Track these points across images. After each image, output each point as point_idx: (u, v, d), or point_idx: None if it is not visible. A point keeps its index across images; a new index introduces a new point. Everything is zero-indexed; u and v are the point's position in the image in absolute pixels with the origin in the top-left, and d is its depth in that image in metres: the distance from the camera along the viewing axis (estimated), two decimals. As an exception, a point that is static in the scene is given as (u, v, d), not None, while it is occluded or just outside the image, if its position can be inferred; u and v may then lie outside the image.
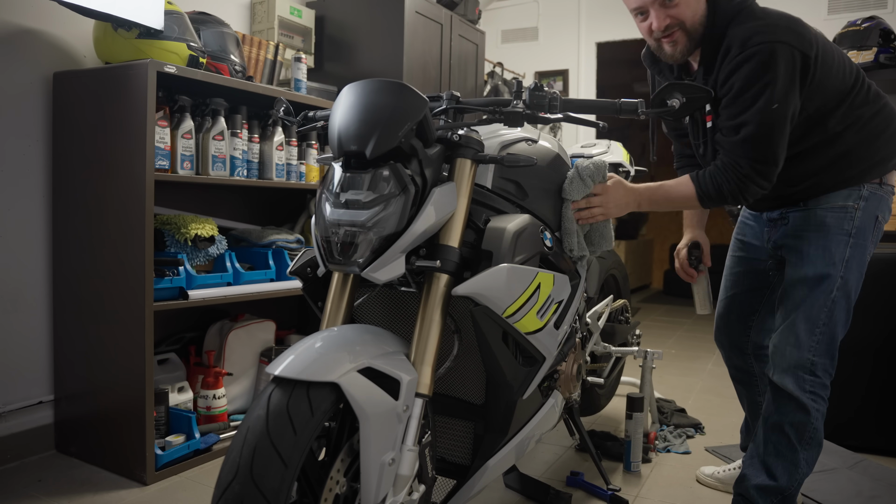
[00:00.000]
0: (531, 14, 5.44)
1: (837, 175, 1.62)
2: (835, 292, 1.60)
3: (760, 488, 1.64)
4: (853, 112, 1.60)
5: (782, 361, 1.63)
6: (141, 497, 1.95)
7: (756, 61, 1.47)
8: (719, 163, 1.58)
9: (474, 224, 1.39)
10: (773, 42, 1.46)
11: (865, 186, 1.62)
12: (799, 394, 1.60)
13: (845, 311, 1.62)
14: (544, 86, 1.34)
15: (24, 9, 2.15)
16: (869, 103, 1.62)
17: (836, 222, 1.62)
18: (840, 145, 1.60)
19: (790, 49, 1.47)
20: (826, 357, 1.62)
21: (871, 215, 1.63)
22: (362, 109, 1.21)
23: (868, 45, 3.68)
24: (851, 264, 1.61)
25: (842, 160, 1.61)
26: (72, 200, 2.17)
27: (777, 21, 1.50)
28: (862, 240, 1.62)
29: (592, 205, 1.64)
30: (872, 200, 1.63)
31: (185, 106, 2.19)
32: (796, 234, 1.66)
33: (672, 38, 1.59)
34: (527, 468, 2.18)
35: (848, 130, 1.60)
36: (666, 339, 4.53)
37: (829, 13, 4.56)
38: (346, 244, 1.18)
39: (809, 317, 1.61)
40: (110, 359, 2.08)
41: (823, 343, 1.61)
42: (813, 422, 1.61)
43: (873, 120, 1.62)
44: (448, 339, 1.43)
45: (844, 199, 1.62)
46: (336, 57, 3.24)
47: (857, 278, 1.63)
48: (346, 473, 1.16)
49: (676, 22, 1.57)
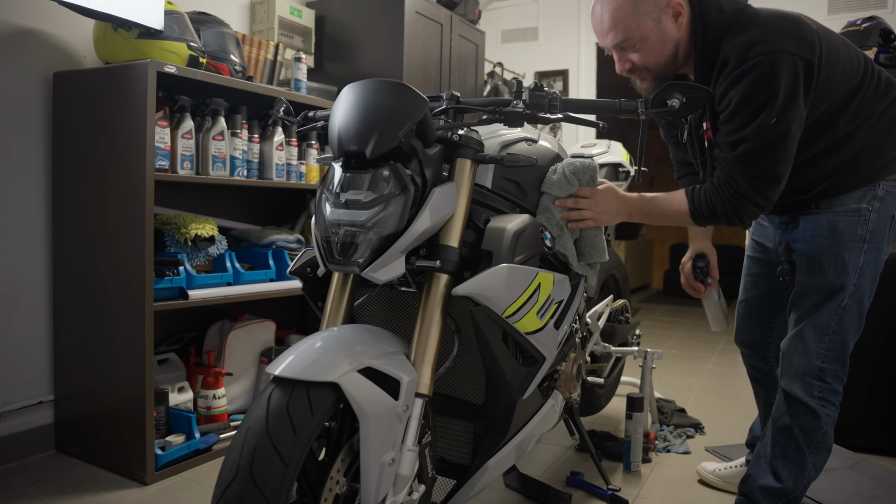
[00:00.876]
0: (531, 14, 5.44)
1: (851, 176, 1.53)
2: (847, 300, 1.55)
3: (765, 490, 1.62)
4: (865, 109, 1.50)
5: (790, 368, 1.60)
6: (141, 497, 1.95)
7: (755, 75, 1.38)
8: (715, 179, 1.50)
9: (474, 224, 1.39)
10: (772, 52, 1.37)
11: (881, 185, 1.53)
12: (808, 399, 1.57)
13: (857, 318, 1.57)
14: (544, 86, 1.34)
15: (24, 9, 2.15)
16: (881, 97, 1.52)
17: (850, 227, 1.53)
18: (852, 145, 1.51)
19: (791, 58, 1.37)
20: (836, 363, 1.57)
21: (888, 215, 1.55)
22: (362, 109, 1.21)
23: (868, 45, 3.68)
24: (865, 270, 1.54)
25: (855, 161, 1.52)
26: (72, 200, 2.17)
27: (775, 27, 1.41)
28: (877, 243, 1.55)
29: (581, 206, 1.57)
30: (889, 199, 1.54)
31: (185, 106, 2.19)
32: (807, 240, 1.58)
33: (638, 76, 1.56)
34: (527, 468, 2.18)
35: (860, 129, 1.50)
36: (666, 339, 4.53)
37: (829, 13, 4.56)
38: (346, 244, 1.18)
39: (819, 325, 1.56)
40: (110, 359, 2.08)
41: (834, 350, 1.56)
42: (823, 426, 1.57)
43: (887, 113, 1.52)
44: (448, 339, 1.43)
45: (858, 200, 1.53)
46: (336, 57, 3.24)
47: (871, 283, 1.57)
48: (346, 473, 1.16)
49: (639, 67, 1.53)
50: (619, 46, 1.51)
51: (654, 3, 1.46)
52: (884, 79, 1.54)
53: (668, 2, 1.47)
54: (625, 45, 1.50)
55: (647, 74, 1.54)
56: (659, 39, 1.49)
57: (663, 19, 1.48)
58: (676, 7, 1.47)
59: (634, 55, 1.51)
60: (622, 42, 1.49)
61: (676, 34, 1.50)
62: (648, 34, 1.48)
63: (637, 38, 1.48)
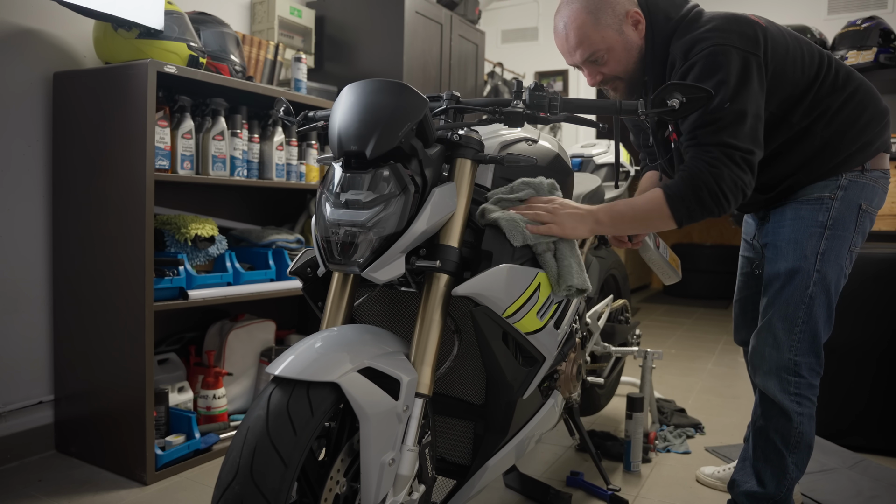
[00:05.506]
0: (531, 14, 5.44)
1: (816, 170, 1.56)
2: (811, 287, 1.53)
3: (749, 495, 1.63)
4: (820, 103, 1.53)
5: (763, 364, 1.58)
6: (141, 497, 1.95)
7: (700, 66, 1.43)
8: (686, 161, 1.46)
9: (474, 224, 1.39)
10: (714, 46, 1.42)
11: (844, 175, 1.55)
12: (782, 398, 1.55)
13: (826, 308, 1.55)
14: (544, 86, 1.34)
15: (24, 9, 2.15)
16: (837, 90, 1.54)
17: (811, 214, 1.56)
18: (811, 140, 1.54)
19: (733, 50, 1.42)
20: (810, 356, 1.55)
21: (853, 204, 1.55)
22: (362, 109, 1.21)
23: (868, 45, 3.68)
24: (828, 257, 1.54)
25: (818, 156, 1.55)
26: (72, 200, 2.17)
27: (717, 25, 1.46)
28: (841, 231, 1.55)
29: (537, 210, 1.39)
30: (853, 189, 1.55)
31: (185, 106, 2.20)
32: (774, 230, 1.61)
33: (611, 86, 1.60)
34: (527, 468, 2.18)
35: (816, 123, 1.53)
36: (666, 339, 4.53)
37: (829, 13, 4.56)
38: (346, 244, 1.18)
39: (786, 315, 1.55)
40: (110, 359, 2.08)
41: (805, 342, 1.55)
42: (797, 426, 1.56)
43: (845, 108, 1.54)
44: (448, 339, 1.43)
45: (821, 190, 1.56)
46: (336, 57, 3.24)
47: (837, 272, 1.56)
48: (346, 473, 1.16)
49: (610, 77, 1.58)
50: (589, 61, 1.56)
51: (614, 15, 1.53)
52: (842, 73, 1.56)
53: (627, 12, 1.54)
54: (594, 59, 1.56)
55: (619, 83, 1.60)
56: (624, 48, 1.55)
57: (624, 29, 1.54)
58: (634, 16, 1.55)
59: (604, 67, 1.57)
60: (590, 56, 1.55)
61: (639, 41, 1.56)
62: (614, 44, 1.54)
63: (604, 50, 1.54)
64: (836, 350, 2.34)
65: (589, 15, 1.52)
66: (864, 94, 1.58)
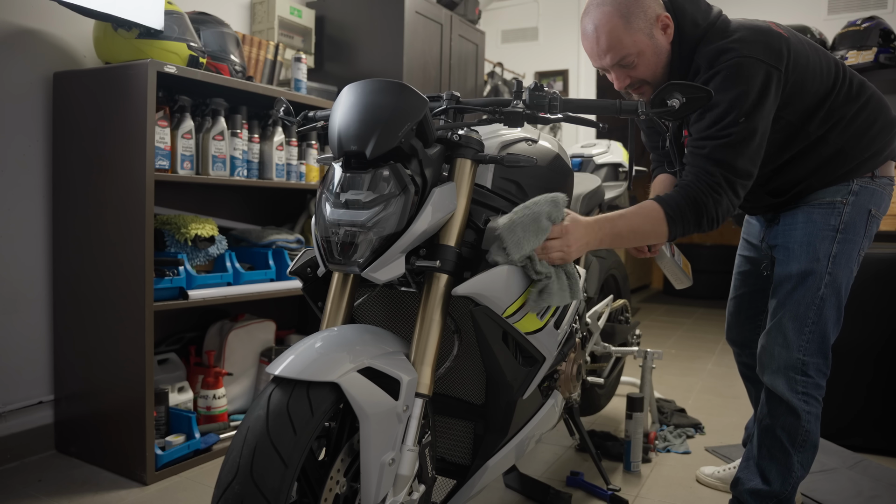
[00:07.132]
0: (531, 14, 5.44)
1: (828, 176, 1.59)
2: (823, 289, 1.57)
3: (754, 493, 1.63)
4: (836, 112, 1.56)
5: (771, 362, 1.60)
6: (141, 497, 1.95)
7: (723, 76, 1.44)
8: (688, 177, 1.48)
9: (474, 224, 1.38)
10: (740, 58, 1.44)
11: (855, 181, 1.59)
12: (790, 396, 1.58)
13: (836, 309, 1.59)
14: (544, 86, 1.34)
15: (24, 9, 2.15)
16: (852, 100, 1.58)
17: (823, 218, 1.58)
18: (826, 148, 1.57)
19: (758, 64, 1.44)
20: (818, 356, 1.58)
21: (863, 210, 1.60)
22: (362, 109, 1.21)
23: (868, 45, 3.68)
24: (840, 260, 1.57)
25: (830, 162, 1.58)
26: (72, 200, 2.17)
27: (744, 35, 1.47)
28: (852, 235, 1.58)
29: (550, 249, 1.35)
30: (863, 194, 1.59)
31: (185, 106, 2.19)
32: (785, 233, 1.64)
33: (638, 90, 1.59)
34: (527, 468, 2.18)
35: (831, 132, 1.56)
36: (666, 339, 4.53)
37: (829, 13, 4.56)
38: (346, 244, 1.18)
39: (797, 315, 1.58)
40: (110, 359, 2.08)
41: (814, 342, 1.57)
42: (804, 424, 1.58)
43: (858, 117, 1.58)
44: (448, 339, 1.43)
45: (833, 195, 1.59)
46: (336, 57, 3.24)
47: (847, 275, 1.60)
48: (346, 473, 1.16)
49: (638, 80, 1.57)
50: (619, 65, 1.55)
51: (646, 18, 1.51)
52: (856, 83, 1.60)
53: (657, 16, 1.53)
54: (624, 63, 1.54)
55: (646, 87, 1.59)
56: (654, 52, 1.54)
57: (655, 33, 1.53)
58: (664, 20, 1.53)
59: (633, 71, 1.55)
60: (621, 60, 1.54)
61: (667, 45, 1.55)
62: (644, 49, 1.52)
63: (634, 54, 1.52)
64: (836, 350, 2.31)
65: (621, 18, 1.50)
66: (876, 103, 1.61)
